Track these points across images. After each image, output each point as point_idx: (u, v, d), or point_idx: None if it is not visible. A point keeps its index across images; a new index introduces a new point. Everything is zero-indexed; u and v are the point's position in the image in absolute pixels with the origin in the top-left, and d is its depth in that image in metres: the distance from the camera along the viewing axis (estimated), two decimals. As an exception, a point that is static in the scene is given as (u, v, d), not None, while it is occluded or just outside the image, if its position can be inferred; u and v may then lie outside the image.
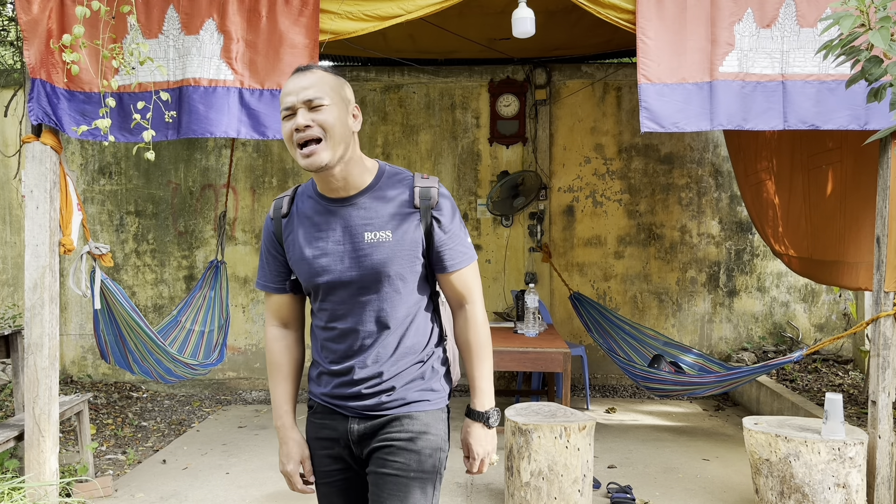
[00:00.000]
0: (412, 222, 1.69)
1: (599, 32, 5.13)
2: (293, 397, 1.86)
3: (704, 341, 6.47)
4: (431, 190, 1.71)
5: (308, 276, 1.72)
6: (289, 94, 1.64)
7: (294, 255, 1.75)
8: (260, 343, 6.51)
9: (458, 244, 1.74)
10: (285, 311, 1.85)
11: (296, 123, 1.62)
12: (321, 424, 1.79)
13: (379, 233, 1.68)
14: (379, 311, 1.70)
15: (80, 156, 6.48)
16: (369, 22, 3.37)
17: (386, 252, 1.67)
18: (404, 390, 1.73)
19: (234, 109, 3.32)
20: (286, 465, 1.81)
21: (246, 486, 4.03)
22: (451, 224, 1.73)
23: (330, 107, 1.63)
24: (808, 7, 3.27)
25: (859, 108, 3.24)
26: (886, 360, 3.35)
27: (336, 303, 1.72)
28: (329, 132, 1.62)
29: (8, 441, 3.56)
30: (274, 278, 1.82)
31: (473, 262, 1.78)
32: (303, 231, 1.74)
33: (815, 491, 3.19)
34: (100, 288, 3.67)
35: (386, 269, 1.67)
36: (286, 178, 6.49)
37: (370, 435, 1.74)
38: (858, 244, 4.08)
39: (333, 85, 1.66)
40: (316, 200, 1.75)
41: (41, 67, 3.28)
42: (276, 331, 1.86)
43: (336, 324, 1.73)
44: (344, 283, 1.70)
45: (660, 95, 3.25)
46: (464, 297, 1.78)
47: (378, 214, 1.69)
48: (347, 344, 1.72)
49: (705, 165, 6.46)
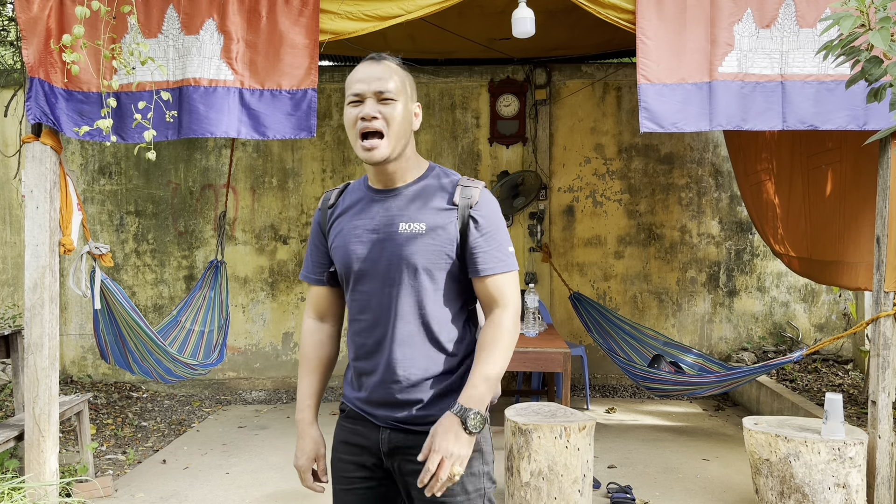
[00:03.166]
0: (449, 219, 1.66)
1: (599, 32, 5.13)
2: (318, 393, 1.84)
3: (704, 341, 6.47)
4: (473, 190, 1.69)
5: (342, 262, 1.73)
6: (359, 82, 1.65)
7: (334, 242, 1.76)
8: (259, 343, 6.51)
9: (495, 249, 1.67)
10: (323, 303, 1.85)
11: (363, 112, 1.62)
12: (352, 430, 1.76)
13: (413, 224, 1.66)
14: (404, 306, 1.66)
15: (80, 156, 6.48)
16: (369, 22, 3.37)
17: (417, 244, 1.65)
18: (436, 407, 1.65)
19: (235, 109, 3.32)
20: (299, 460, 1.80)
21: (246, 486, 4.03)
22: (489, 227, 1.67)
23: (398, 102, 1.64)
24: (807, 7, 3.27)
25: (858, 109, 3.24)
26: (886, 360, 3.35)
27: (365, 293, 1.70)
28: (392, 127, 1.63)
29: (8, 441, 3.57)
30: (314, 269, 1.84)
31: (511, 271, 1.69)
32: (345, 219, 1.75)
33: (815, 491, 3.19)
34: (100, 288, 3.68)
35: (414, 260, 1.64)
36: (286, 178, 6.49)
37: (403, 449, 1.68)
38: (858, 244, 4.08)
39: (403, 81, 1.69)
40: (363, 191, 1.77)
41: (40, 67, 3.28)
42: (311, 323, 1.87)
43: (363, 316, 1.71)
44: (374, 272, 1.68)
45: (659, 96, 3.25)
46: (496, 303, 1.67)
47: (416, 207, 1.68)
48: (373, 338, 1.69)
49: (705, 165, 6.46)
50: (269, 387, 6.49)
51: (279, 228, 6.50)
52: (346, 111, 1.67)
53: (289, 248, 6.51)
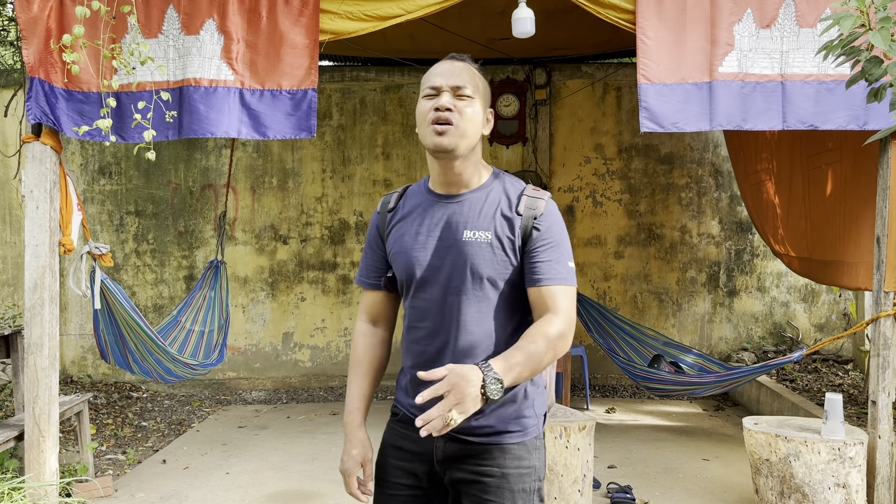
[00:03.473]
0: (513, 228, 1.63)
1: (599, 32, 5.12)
2: (367, 396, 1.79)
3: (704, 341, 6.47)
4: (539, 202, 1.65)
5: (403, 269, 1.70)
6: (438, 76, 1.64)
7: (393, 247, 1.73)
8: (259, 343, 6.51)
9: (555, 261, 1.62)
10: (376, 308, 1.83)
11: (438, 103, 1.61)
12: (403, 434, 1.72)
13: (478, 232, 1.63)
14: (467, 315, 1.63)
15: (80, 156, 6.48)
16: (369, 22, 3.36)
17: (482, 253, 1.62)
18: (494, 417, 1.62)
19: (235, 110, 3.32)
20: (345, 464, 1.75)
21: (246, 486, 4.03)
22: (551, 239, 1.63)
23: (473, 101, 1.64)
24: (807, 7, 3.27)
25: (858, 109, 3.24)
26: (886, 360, 3.35)
27: (425, 300, 1.67)
28: (464, 122, 1.61)
29: (8, 441, 3.57)
30: (370, 273, 1.82)
31: (570, 285, 1.63)
32: (406, 225, 1.72)
33: (815, 491, 3.19)
34: (100, 288, 3.67)
35: (478, 269, 1.62)
36: (286, 178, 6.49)
37: (457, 459, 1.65)
38: (858, 244, 4.08)
39: (480, 84, 1.68)
40: (425, 196, 1.73)
41: (40, 67, 3.28)
42: (364, 326, 1.84)
43: (423, 323, 1.68)
44: (435, 280, 1.65)
45: (659, 96, 3.25)
46: (549, 310, 1.60)
47: (481, 214, 1.65)
48: (434, 348, 1.66)
49: (705, 165, 6.46)
50: (269, 387, 6.49)
51: (279, 228, 6.50)
52: (421, 103, 1.66)
53: (289, 248, 6.51)
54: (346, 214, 6.52)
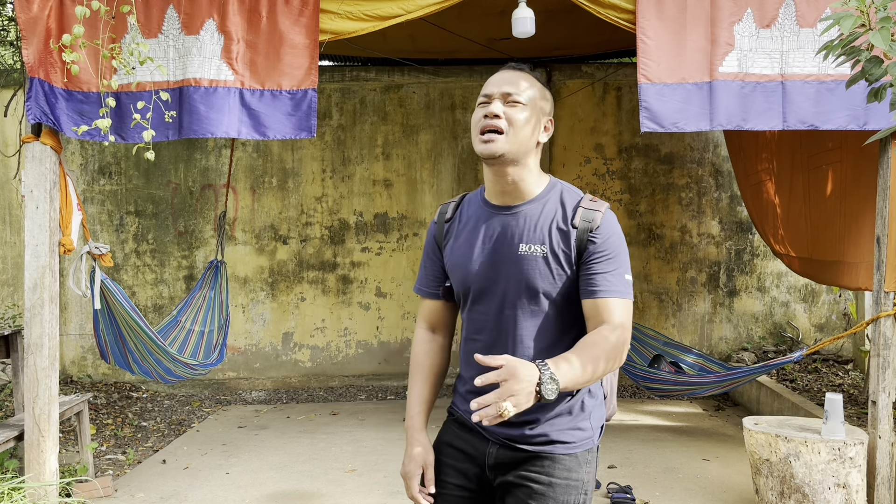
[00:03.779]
0: (568, 241, 1.61)
1: (599, 32, 5.13)
2: (428, 401, 1.82)
3: (704, 341, 6.47)
4: (596, 214, 1.62)
5: (460, 281, 1.71)
6: (491, 84, 1.66)
7: (450, 259, 1.74)
8: (259, 343, 6.51)
9: (611, 273, 1.59)
10: (435, 316, 1.84)
11: (487, 110, 1.62)
12: (458, 435, 1.75)
13: (534, 246, 1.62)
14: (523, 329, 1.63)
15: (80, 156, 6.48)
16: (369, 22, 3.36)
17: (537, 266, 1.61)
18: (548, 425, 1.63)
19: (235, 110, 3.32)
20: (406, 467, 1.76)
21: (246, 486, 4.03)
22: (607, 251, 1.60)
23: (524, 107, 1.62)
24: (807, 7, 3.27)
25: (859, 109, 3.24)
26: (886, 360, 3.35)
27: (482, 313, 1.68)
28: (513, 129, 1.60)
29: (8, 441, 3.56)
30: (428, 283, 1.83)
31: (627, 298, 1.60)
32: (462, 236, 1.72)
33: (815, 491, 3.19)
34: (100, 288, 3.67)
35: (534, 284, 1.61)
36: (286, 178, 6.49)
37: (508, 465, 1.66)
38: (858, 244, 4.08)
39: (535, 91, 1.66)
40: (480, 206, 1.73)
41: (39, 66, 3.28)
42: (423, 333, 1.86)
43: (480, 336, 1.69)
44: (492, 293, 1.66)
45: (660, 95, 3.25)
46: (606, 322, 1.57)
47: (536, 227, 1.64)
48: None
49: (705, 165, 6.46)
50: (269, 387, 6.49)
51: (279, 228, 6.50)
52: (475, 112, 1.67)
53: (289, 248, 6.51)
54: (346, 214, 6.52)
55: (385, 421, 5.40)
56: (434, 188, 6.51)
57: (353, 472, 4.26)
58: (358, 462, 4.42)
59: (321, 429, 5.21)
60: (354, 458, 4.51)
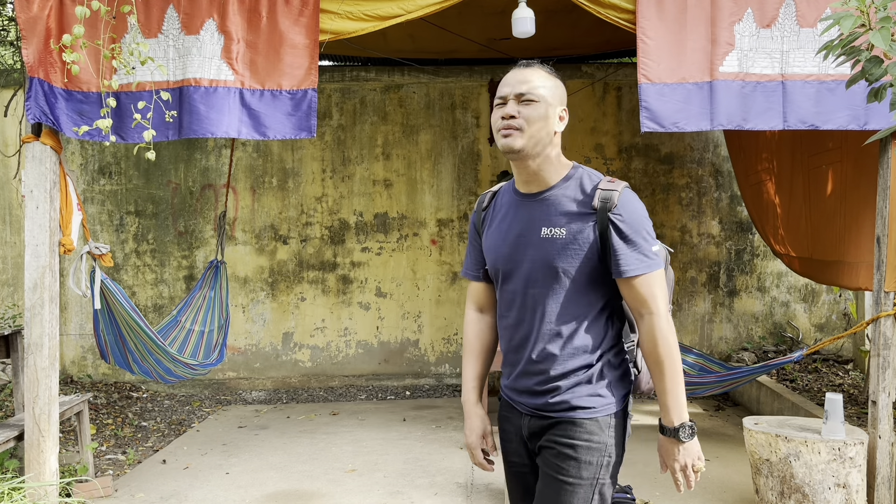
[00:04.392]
0: (587, 223, 1.74)
1: (599, 32, 5.13)
2: (480, 376, 1.98)
3: (704, 341, 6.47)
4: (613, 193, 1.73)
5: (492, 262, 1.89)
6: (505, 85, 1.79)
7: (486, 244, 1.92)
8: (259, 343, 6.51)
9: (637, 249, 1.72)
10: (481, 297, 2.02)
11: (504, 111, 1.75)
12: (505, 417, 1.93)
13: (554, 229, 1.76)
14: (546, 306, 1.77)
15: (80, 156, 6.48)
16: (369, 22, 3.36)
17: (557, 248, 1.75)
18: (569, 393, 1.77)
19: (235, 110, 3.32)
20: (468, 438, 1.95)
21: (246, 486, 4.03)
22: (629, 228, 1.72)
23: (537, 104, 1.74)
24: (807, 7, 3.27)
25: (859, 108, 3.24)
26: (886, 360, 3.35)
27: (510, 292, 1.84)
28: (529, 125, 1.74)
29: (8, 441, 3.56)
30: (473, 266, 2.01)
31: (655, 270, 1.73)
32: (496, 222, 1.90)
33: (815, 491, 3.19)
34: (100, 288, 3.67)
35: (554, 263, 1.75)
36: (286, 177, 6.49)
37: (538, 433, 1.83)
38: (858, 244, 4.08)
39: (547, 85, 1.78)
40: (511, 195, 1.89)
41: (39, 66, 3.28)
42: (472, 314, 2.03)
43: (509, 313, 1.85)
44: (518, 273, 1.81)
45: (660, 95, 3.25)
46: (643, 306, 1.74)
47: (557, 212, 1.77)
48: (519, 334, 1.83)
49: (705, 165, 6.46)
50: (269, 387, 6.49)
51: (279, 228, 6.50)
52: (493, 113, 1.81)
53: (289, 248, 6.51)
54: (346, 214, 6.52)
55: (385, 421, 5.41)
56: (434, 188, 6.51)
57: (353, 472, 4.26)
58: (358, 462, 4.42)
59: (321, 429, 5.21)
60: (354, 458, 4.51)
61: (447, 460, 4.42)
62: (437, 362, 6.57)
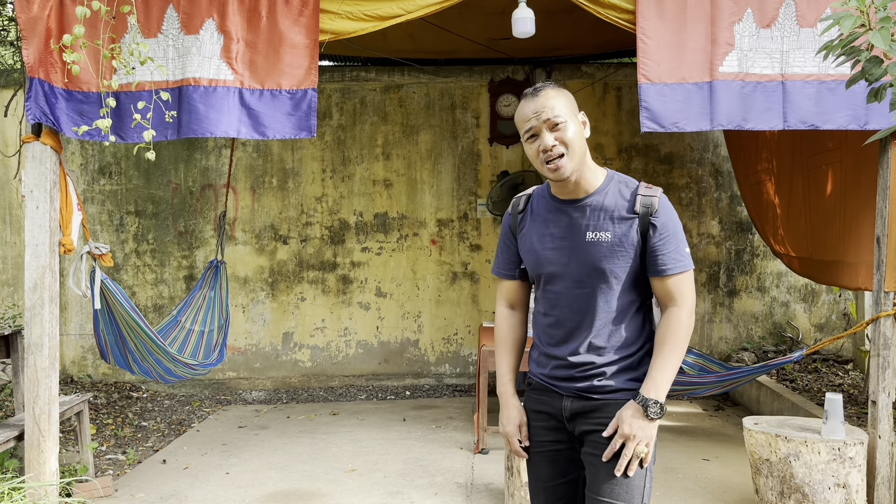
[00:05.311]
0: (630, 226, 1.86)
1: (599, 32, 5.12)
2: (515, 369, 2.08)
3: (704, 341, 6.47)
4: (653, 199, 1.87)
5: (534, 266, 1.97)
6: (528, 120, 1.87)
7: (525, 246, 1.99)
8: (259, 343, 6.51)
9: (673, 251, 1.86)
10: (513, 295, 2.10)
11: (543, 144, 1.85)
12: (538, 400, 2.00)
13: (599, 233, 1.87)
14: (593, 305, 1.88)
15: (80, 156, 6.48)
16: (369, 22, 3.36)
17: (603, 251, 1.86)
18: (614, 378, 1.88)
19: (235, 109, 3.32)
20: (506, 427, 2.03)
21: (246, 486, 4.03)
22: (667, 232, 1.86)
23: (567, 123, 1.85)
24: (807, 7, 3.26)
25: (859, 108, 3.24)
26: (886, 360, 3.35)
27: (555, 293, 1.93)
28: (570, 147, 1.84)
29: (8, 441, 3.56)
30: (506, 266, 2.09)
31: (688, 269, 1.88)
32: (535, 226, 1.97)
33: (815, 491, 3.19)
34: (100, 288, 3.67)
35: (601, 266, 1.86)
36: (286, 177, 6.49)
37: (581, 414, 1.91)
38: (858, 244, 4.08)
39: (563, 101, 1.88)
40: (548, 200, 1.98)
41: (39, 66, 3.28)
42: (504, 310, 2.12)
43: (553, 312, 1.94)
44: (564, 275, 1.91)
45: (660, 95, 3.25)
46: (672, 301, 1.88)
47: (601, 217, 1.88)
48: (563, 331, 1.92)
49: (705, 165, 6.46)
50: (269, 387, 6.49)
51: (279, 228, 6.50)
52: (526, 147, 1.90)
53: (289, 248, 6.51)
54: (346, 214, 6.52)
55: (385, 421, 5.41)
56: (434, 188, 6.51)
57: (353, 471, 4.26)
58: (358, 462, 4.42)
59: (321, 429, 5.21)
60: (354, 457, 4.51)
61: (447, 460, 4.42)
62: (437, 362, 6.57)
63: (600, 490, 1.83)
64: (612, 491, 1.82)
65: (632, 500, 1.82)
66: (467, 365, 6.56)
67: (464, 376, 6.56)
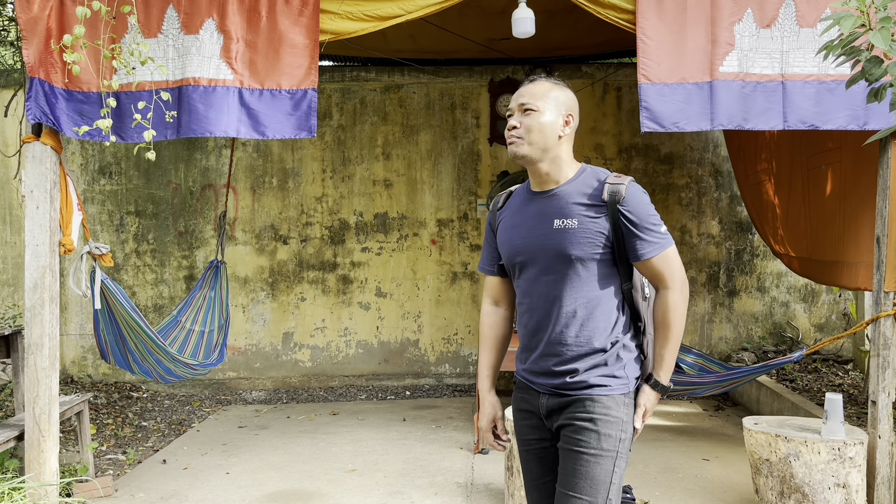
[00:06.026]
0: (598, 214, 1.90)
1: (599, 32, 5.13)
2: (494, 366, 2.15)
3: (704, 341, 6.47)
4: (619, 187, 1.90)
5: (507, 255, 2.03)
6: (513, 99, 1.98)
7: (500, 238, 2.06)
8: (259, 343, 6.51)
9: (648, 234, 1.91)
10: (496, 290, 2.17)
11: (509, 123, 1.97)
12: (521, 398, 2.06)
13: (566, 220, 1.91)
14: (560, 292, 1.92)
15: (80, 156, 6.48)
16: (369, 22, 3.36)
17: (570, 238, 1.89)
18: (587, 374, 1.91)
19: (234, 109, 3.32)
20: (480, 422, 2.11)
21: (246, 486, 4.03)
22: (638, 218, 1.90)
23: (537, 113, 1.93)
24: (807, 7, 3.27)
25: (859, 109, 3.24)
26: (886, 360, 3.35)
27: (526, 280, 1.99)
28: (529, 133, 1.92)
29: (8, 441, 3.56)
30: (488, 262, 2.16)
31: (667, 248, 1.92)
32: (508, 218, 2.05)
33: (815, 491, 3.19)
34: (100, 288, 3.67)
35: (568, 252, 1.89)
36: (286, 178, 6.49)
37: (557, 411, 1.95)
38: (858, 244, 4.08)
39: (550, 95, 1.96)
40: (525, 194, 2.05)
41: (40, 67, 3.28)
42: (488, 307, 2.19)
43: (525, 300, 2.00)
44: (533, 262, 1.95)
45: (660, 95, 3.25)
46: (660, 282, 1.94)
47: (568, 205, 1.92)
48: (535, 319, 1.97)
49: (705, 165, 6.46)
50: (269, 387, 6.49)
51: (279, 228, 6.51)
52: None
53: (289, 248, 6.51)
54: (346, 214, 6.53)
55: (385, 421, 5.41)
56: (434, 188, 6.51)
57: (354, 471, 4.26)
58: (358, 462, 4.42)
59: (321, 429, 5.21)
60: (354, 457, 4.51)
61: (447, 460, 4.42)
62: (437, 362, 6.57)
63: (566, 483, 1.88)
64: (577, 485, 1.86)
65: (596, 494, 1.86)
66: (467, 365, 6.57)
67: (464, 376, 6.56)
